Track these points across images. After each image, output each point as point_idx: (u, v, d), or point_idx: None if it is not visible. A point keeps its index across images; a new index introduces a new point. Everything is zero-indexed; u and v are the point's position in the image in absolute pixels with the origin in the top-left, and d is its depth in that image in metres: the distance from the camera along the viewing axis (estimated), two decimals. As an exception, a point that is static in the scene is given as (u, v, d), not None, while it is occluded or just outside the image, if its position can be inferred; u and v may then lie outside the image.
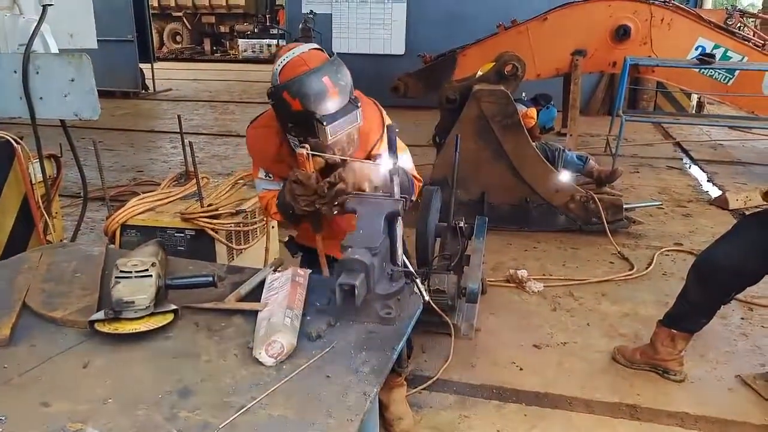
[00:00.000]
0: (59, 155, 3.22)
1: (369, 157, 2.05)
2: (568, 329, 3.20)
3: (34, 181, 3.02)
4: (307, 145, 1.80)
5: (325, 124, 1.74)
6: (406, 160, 2.10)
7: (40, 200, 3.06)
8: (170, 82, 13.18)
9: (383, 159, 1.79)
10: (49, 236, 3.11)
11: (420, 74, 6.42)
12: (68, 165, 3.41)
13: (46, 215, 3.08)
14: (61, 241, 3.23)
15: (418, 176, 2.15)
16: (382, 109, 2.12)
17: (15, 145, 2.91)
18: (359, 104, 1.84)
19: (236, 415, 1.22)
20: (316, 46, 1.87)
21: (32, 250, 2.13)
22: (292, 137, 1.88)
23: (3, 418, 1.21)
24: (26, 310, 1.63)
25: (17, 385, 1.33)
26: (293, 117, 1.80)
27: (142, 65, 11.61)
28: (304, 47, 1.84)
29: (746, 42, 5.84)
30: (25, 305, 1.64)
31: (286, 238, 2.34)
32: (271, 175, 2.07)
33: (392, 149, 1.76)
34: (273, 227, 3.40)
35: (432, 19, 9.64)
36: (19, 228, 3.02)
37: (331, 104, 1.75)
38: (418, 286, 1.75)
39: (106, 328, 1.48)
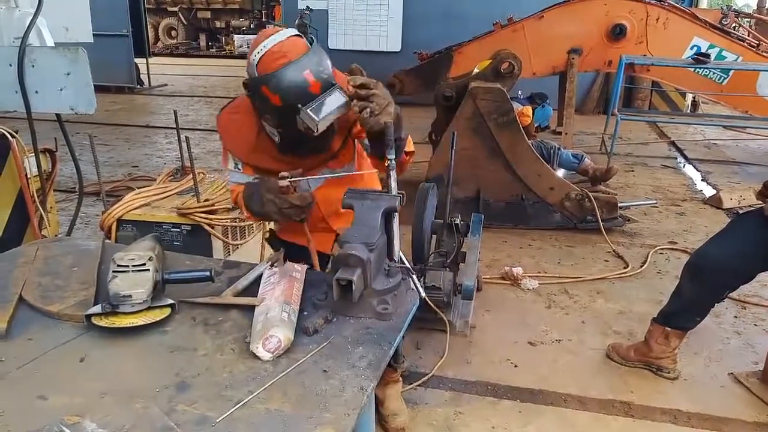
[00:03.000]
0: (54, 149, 3.21)
1: (351, 135, 2.04)
2: (563, 327, 3.22)
3: (29, 176, 3.01)
4: (286, 174, 1.74)
5: (314, 118, 1.68)
6: None
7: (35, 194, 3.05)
8: (165, 77, 13.13)
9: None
10: (44, 231, 3.10)
11: (416, 71, 6.44)
12: (62, 159, 3.40)
13: (41, 209, 3.07)
14: (56, 235, 3.22)
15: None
16: None
17: (10, 138, 2.90)
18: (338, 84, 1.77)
19: (233, 409, 1.22)
20: (294, 32, 1.78)
21: (28, 244, 2.12)
22: (270, 127, 1.84)
23: (0, 411, 1.21)
24: (23, 304, 1.62)
25: (14, 378, 1.33)
26: (272, 111, 1.76)
27: (137, 60, 11.57)
28: (282, 35, 1.75)
29: (741, 42, 5.88)
30: (22, 299, 1.64)
31: (267, 234, 2.29)
32: (240, 166, 2.00)
33: (390, 145, 1.76)
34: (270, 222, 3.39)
35: (428, 17, 9.65)
36: (14, 222, 3.02)
37: (311, 97, 1.70)
38: (414, 282, 1.75)
39: (103, 322, 1.48)
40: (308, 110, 1.69)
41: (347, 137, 2.06)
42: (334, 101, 1.73)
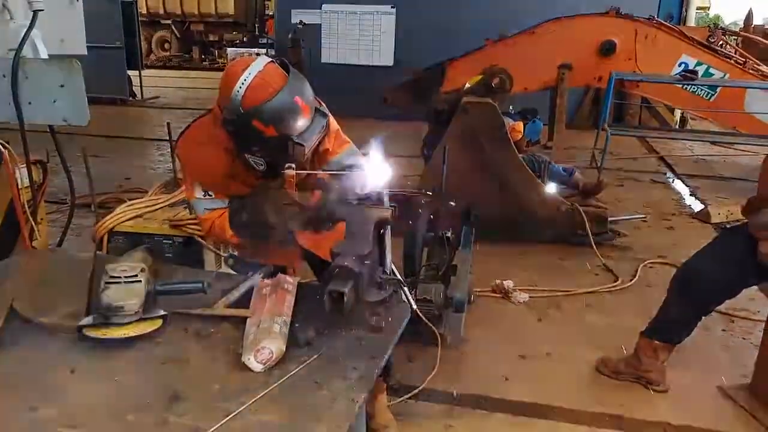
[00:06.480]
0: (46, 160, 3.20)
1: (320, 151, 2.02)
2: (554, 340, 3.23)
3: (20, 186, 3.00)
4: (292, 165, 1.75)
5: (304, 144, 1.71)
6: (353, 154, 2.05)
7: (26, 205, 3.04)
8: (158, 90, 13.12)
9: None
10: (35, 242, 3.08)
11: (408, 86, 6.49)
12: (53, 171, 3.39)
13: (32, 221, 3.06)
14: (47, 246, 3.20)
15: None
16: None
17: (2, 149, 2.89)
18: (324, 111, 1.80)
19: (225, 420, 1.22)
20: (265, 59, 1.74)
21: (20, 254, 2.12)
22: (256, 158, 1.80)
23: (-10, 422, 1.21)
24: (14, 315, 1.62)
25: (5, 389, 1.33)
26: (264, 142, 1.72)
27: (129, 72, 11.56)
28: (258, 64, 1.71)
29: (728, 59, 5.97)
30: (13, 310, 1.63)
31: (230, 262, 2.19)
32: (211, 193, 1.94)
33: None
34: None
35: (421, 31, 9.71)
36: (4, 233, 3.00)
37: (305, 122, 1.72)
38: (406, 295, 1.77)
39: (94, 333, 1.48)
40: (299, 140, 1.71)
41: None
42: (317, 125, 1.76)
